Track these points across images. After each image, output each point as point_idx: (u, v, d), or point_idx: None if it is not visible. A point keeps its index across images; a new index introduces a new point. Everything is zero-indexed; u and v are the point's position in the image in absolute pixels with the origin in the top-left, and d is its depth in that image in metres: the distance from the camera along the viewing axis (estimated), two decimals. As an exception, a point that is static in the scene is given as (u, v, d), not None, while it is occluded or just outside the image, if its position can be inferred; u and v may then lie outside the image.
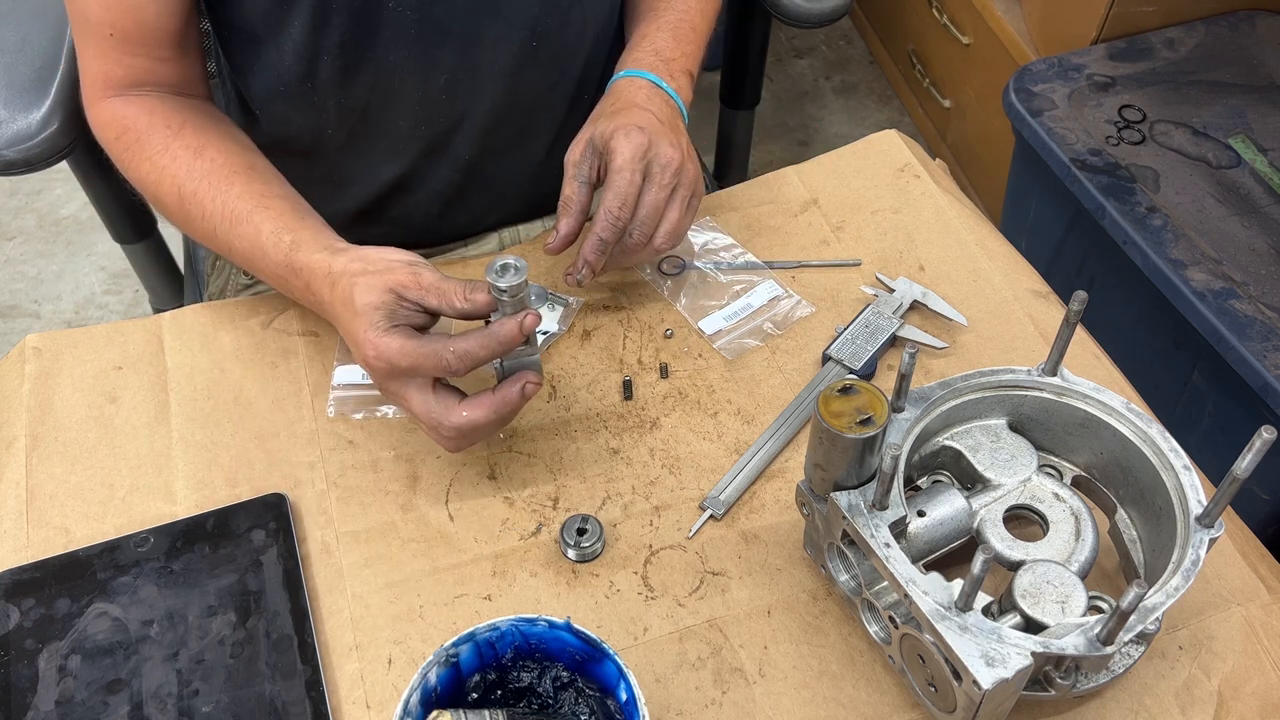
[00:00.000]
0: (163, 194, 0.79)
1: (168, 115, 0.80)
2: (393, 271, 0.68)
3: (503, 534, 0.73)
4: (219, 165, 0.77)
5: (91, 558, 0.70)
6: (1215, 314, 1.12)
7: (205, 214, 0.77)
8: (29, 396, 0.79)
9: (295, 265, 0.73)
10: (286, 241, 0.73)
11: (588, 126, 0.81)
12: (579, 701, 0.60)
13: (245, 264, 0.77)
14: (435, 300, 0.67)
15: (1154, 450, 0.64)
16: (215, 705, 0.64)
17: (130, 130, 0.79)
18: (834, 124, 2.21)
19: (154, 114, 0.80)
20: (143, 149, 0.79)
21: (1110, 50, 1.41)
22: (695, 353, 0.83)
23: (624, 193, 0.76)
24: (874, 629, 0.65)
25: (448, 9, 0.80)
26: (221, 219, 0.76)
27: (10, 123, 0.93)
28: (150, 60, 0.80)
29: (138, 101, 0.80)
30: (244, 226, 0.75)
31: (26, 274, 1.96)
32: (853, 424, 0.59)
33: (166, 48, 0.80)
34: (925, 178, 0.94)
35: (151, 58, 0.80)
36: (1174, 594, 0.58)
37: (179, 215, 0.79)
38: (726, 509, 0.74)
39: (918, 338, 0.82)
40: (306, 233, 0.74)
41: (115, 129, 0.80)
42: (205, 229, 0.77)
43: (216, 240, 0.77)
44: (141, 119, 0.79)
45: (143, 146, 0.79)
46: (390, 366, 0.67)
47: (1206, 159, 1.29)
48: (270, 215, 0.75)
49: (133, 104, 0.80)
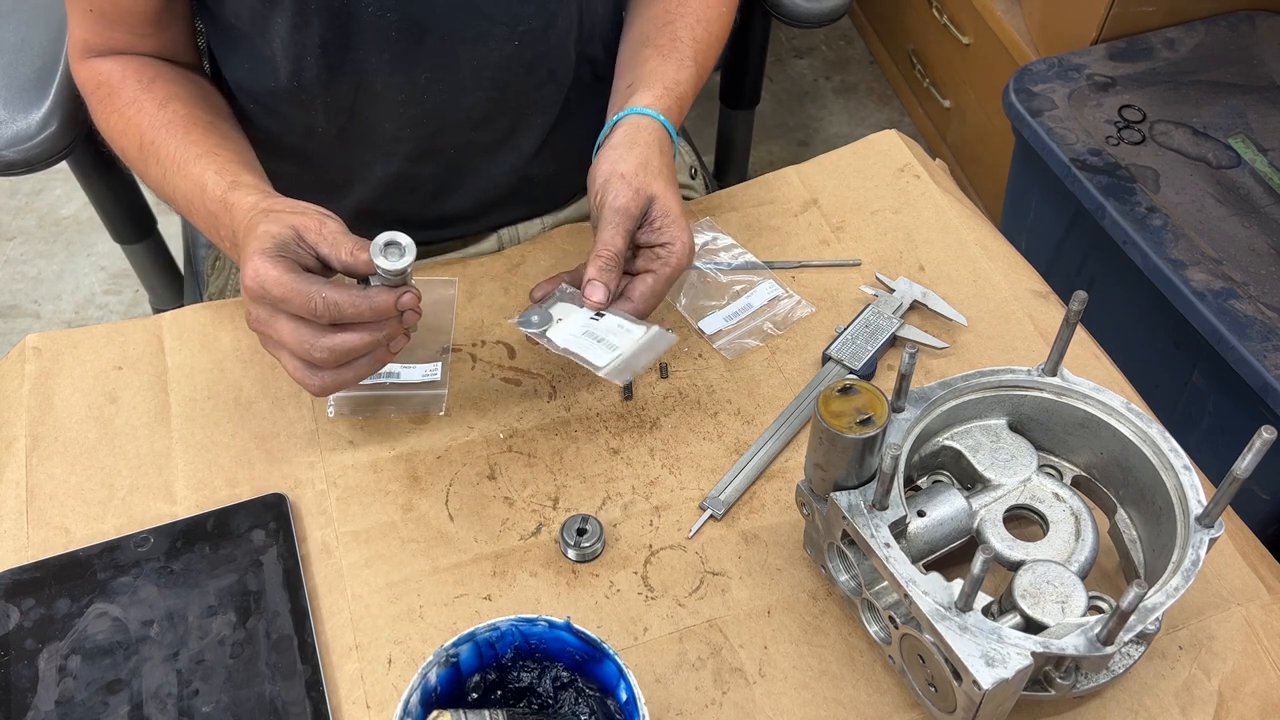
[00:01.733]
0: (126, 142, 0.81)
1: (140, 71, 0.82)
2: (304, 214, 0.70)
3: (503, 534, 0.73)
4: (180, 116, 0.80)
5: (91, 558, 0.70)
6: (1215, 314, 1.12)
7: (159, 159, 0.78)
8: (29, 396, 0.79)
9: (229, 201, 0.73)
10: (226, 182, 0.75)
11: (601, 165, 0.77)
12: (579, 701, 0.60)
13: (185, 206, 0.78)
14: (327, 249, 0.68)
15: (1154, 450, 0.64)
16: (215, 705, 0.64)
17: (104, 84, 0.82)
18: (834, 124, 2.21)
19: (127, 69, 0.82)
20: (113, 100, 0.81)
21: (1110, 50, 1.41)
22: (695, 353, 0.83)
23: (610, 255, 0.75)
24: (874, 629, 0.65)
25: (425, 8, 0.79)
26: (172, 163, 0.78)
27: (10, 123, 0.93)
28: (129, 35, 0.82)
29: (116, 60, 0.83)
30: (191, 167, 0.77)
31: (26, 274, 1.96)
32: (853, 424, 0.59)
33: (144, 26, 0.82)
34: (925, 178, 0.94)
35: (130, 34, 0.82)
36: (1174, 594, 0.58)
37: (138, 162, 0.81)
38: (726, 509, 0.74)
39: (918, 338, 0.82)
40: (248, 178, 0.76)
41: (92, 83, 0.83)
42: (157, 174, 0.79)
43: (165, 184, 0.79)
44: (115, 74, 0.82)
45: (114, 99, 0.81)
46: (263, 291, 0.67)
47: (1206, 159, 1.29)
48: (218, 161, 0.77)
49: (110, 61, 0.83)
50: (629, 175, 0.75)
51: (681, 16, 0.86)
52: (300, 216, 0.69)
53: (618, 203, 0.74)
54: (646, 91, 0.81)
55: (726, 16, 0.90)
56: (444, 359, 0.81)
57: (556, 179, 0.97)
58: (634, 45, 0.87)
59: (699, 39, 0.86)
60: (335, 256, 0.68)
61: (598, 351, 0.72)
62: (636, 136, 0.78)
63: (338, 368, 0.69)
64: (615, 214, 0.74)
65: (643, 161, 0.76)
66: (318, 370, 0.69)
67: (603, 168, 0.77)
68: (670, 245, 0.75)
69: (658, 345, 0.73)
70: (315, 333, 0.67)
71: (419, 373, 0.80)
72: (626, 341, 0.72)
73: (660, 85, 0.82)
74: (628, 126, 0.79)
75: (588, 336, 0.73)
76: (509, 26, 0.82)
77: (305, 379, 0.70)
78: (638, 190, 0.75)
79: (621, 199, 0.74)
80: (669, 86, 0.82)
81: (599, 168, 0.77)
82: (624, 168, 0.76)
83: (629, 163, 0.76)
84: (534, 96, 0.88)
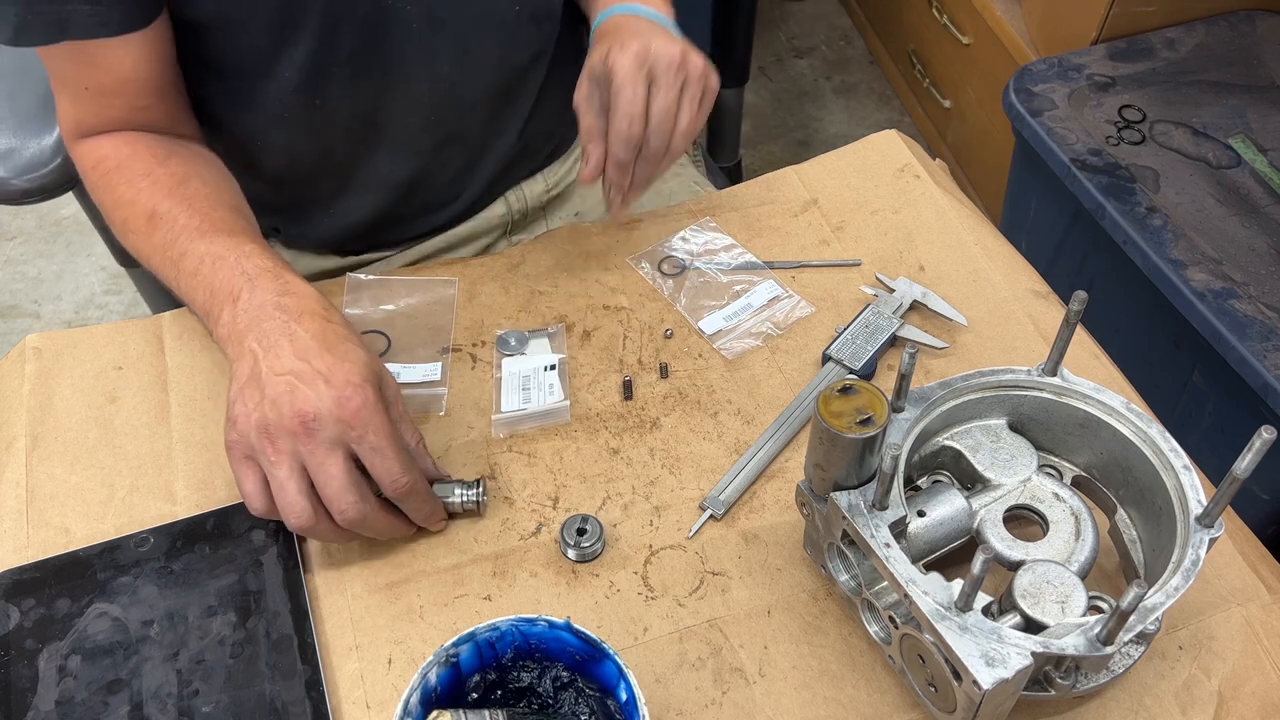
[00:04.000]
0: (134, 213, 0.75)
1: (154, 147, 0.78)
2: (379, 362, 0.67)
3: (503, 534, 0.73)
4: (202, 195, 0.75)
5: (91, 558, 0.70)
6: (1215, 314, 1.12)
7: (171, 225, 0.73)
8: (29, 396, 0.79)
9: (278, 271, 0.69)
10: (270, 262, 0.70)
11: (585, 68, 0.79)
12: (579, 701, 0.60)
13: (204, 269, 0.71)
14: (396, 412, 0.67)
15: (1154, 450, 0.64)
16: (215, 705, 0.64)
17: (107, 160, 0.78)
18: (834, 124, 2.21)
19: (138, 145, 0.78)
20: (121, 173, 0.77)
21: (1110, 50, 1.41)
22: (695, 353, 0.83)
23: (630, 110, 0.74)
24: (874, 629, 0.65)
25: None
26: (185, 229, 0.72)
27: (22, 150, 0.89)
28: (128, 110, 0.78)
29: (117, 137, 0.79)
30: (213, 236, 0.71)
31: (26, 274, 1.96)
32: (853, 424, 0.59)
33: (145, 96, 0.78)
34: (925, 178, 0.94)
35: (129, 108, 0.78)
36: (1174, 594, 0.58)
37: (144, 230, 0.75)
38: (726, 509, 0.74)
39: (918, 338, 0.82)
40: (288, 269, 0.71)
41: (91, 160, 0.79)
42: (165, 238, 0.73)
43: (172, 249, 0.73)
44: (123, 150, 0.78)
45: (122, 171, 0.77)
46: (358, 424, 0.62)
47: (1206, 159, 1.29)
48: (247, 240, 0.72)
49: (110, 140, 0.78)
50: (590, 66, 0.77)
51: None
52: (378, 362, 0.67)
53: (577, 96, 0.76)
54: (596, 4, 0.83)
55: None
56: (444, 359, 0.81)
57: (554, 130, 0.99)
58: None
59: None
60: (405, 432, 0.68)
61: (512, 398, 0.79)
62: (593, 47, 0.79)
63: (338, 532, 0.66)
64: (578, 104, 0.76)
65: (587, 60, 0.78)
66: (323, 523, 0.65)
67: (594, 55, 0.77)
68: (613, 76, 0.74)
69: (552, 414, 0.78)
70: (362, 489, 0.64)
71: (419, 373, 0.80)
72: (537, 400, 0.78)
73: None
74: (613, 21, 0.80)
75: (519, 379, 0.80)
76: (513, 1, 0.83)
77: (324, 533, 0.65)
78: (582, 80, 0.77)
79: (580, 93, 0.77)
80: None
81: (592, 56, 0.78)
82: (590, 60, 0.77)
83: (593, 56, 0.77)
84: (532, 65, 0.89)
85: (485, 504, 0.72)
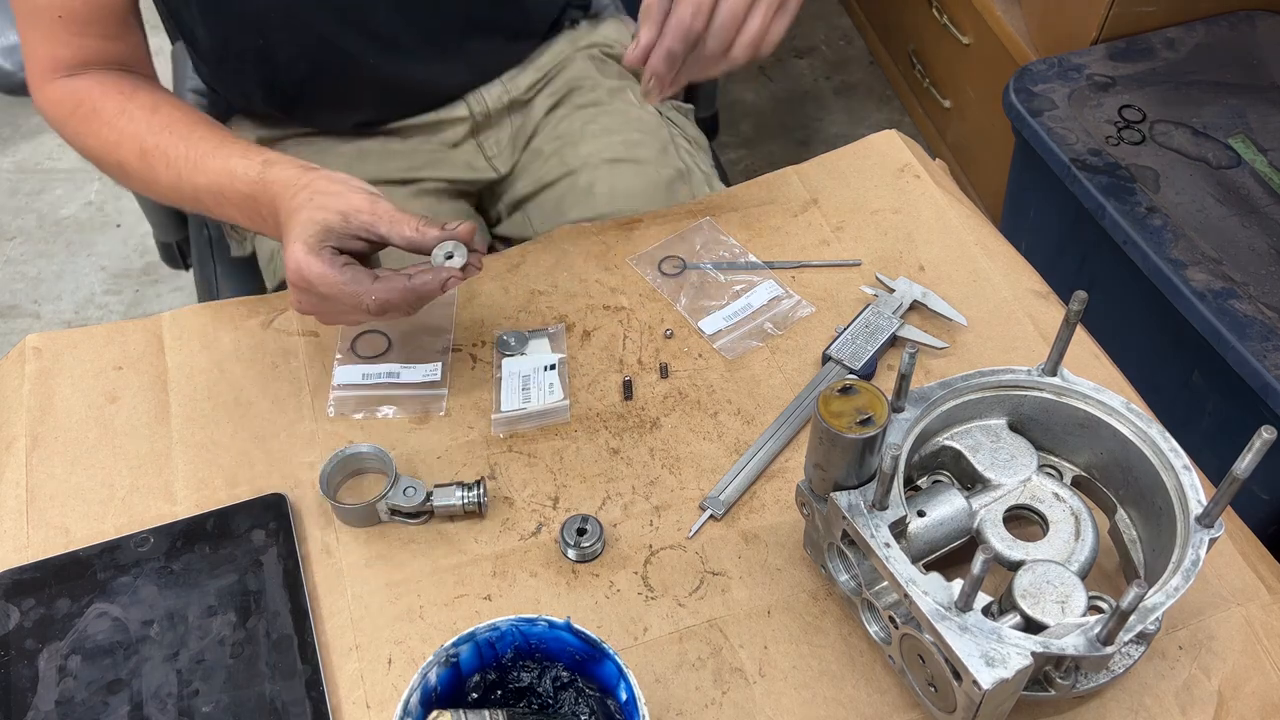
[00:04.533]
0: (123, 155, 0.79)
1: (119, 83, 0.82)
2: (351, 194, 0.70)
3: (503, 534, 0.73)
4: (177, 118, 0.79)
5: (91, 558, 0.70)
6: (1215, 314, 1.12)
7: (169, 161, 0.77)
8: (29, 396, 0.79)
9: (267, 179, 0.73)
10: (258, 162, 0.74)
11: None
12: (579, 701, 0.60)
13: (212, 200, 0.77)
14: (386, 228, 0.69)
15: (1154, 450, 0.64)
16: (215, 705, 0.64)
17: (85, 103, 0.81)
18: (834, 124, 2.21)
19: (105, 83, 0.81)
20: (99, 116, 0.80)
21: (1110, 50, 1.41)
22: (695, 353, 0.83)
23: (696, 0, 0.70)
24: (874, 629, 0.65)
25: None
26: (186, 161, 0.77)
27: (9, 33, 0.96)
28: (98, 39, 0.81)
29: (87, 76, 0.82)
30: (211, 160, 0.76)
31: (26, 274, 1.96)
32: (853, 424, 0.59)
33: (114, 24, 0.81)
34: (925, 178, 0.94)
35: (100, 36, 0.81)
36: (1174, 594, 0.58)
37: (141, 172, 0.80)
38: (726, 509, 0.74)
39: (918, 338, 0.82)
40: (278, 156, 0.75)
41: (68, 105, 0.81)
42: (169, 177, 0.78)
43: (181, 185, 0.78)
44: (94, 90, 0.81)
45: (99, 114, 0.80)
46: (308, 285, 0.68)
47: (1206, 159, 1.29)
48: (239, 147, 0.76)
49: (82, 79, 0.82)
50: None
51: None
52: (346, 198, 0.69)
53: None
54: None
55: None
56: (444, 359, 0.81)
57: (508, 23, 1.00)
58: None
59: None
60: (398, 235, 0.69)
61: (512, 397, 0.79)
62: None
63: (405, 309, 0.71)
64: None
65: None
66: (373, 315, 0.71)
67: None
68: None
69: (552, 414, 0.78)
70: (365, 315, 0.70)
71: (419, 373, 0.80)
72: (537, 399, 0.78)
73: None
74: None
75: (519, 379, 0.80)
76: None
77: (370, 317, 0.71)
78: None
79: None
80: None
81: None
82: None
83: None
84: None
85: (486, 504, 0.72)
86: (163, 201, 0.82)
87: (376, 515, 0.72)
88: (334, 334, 0.83)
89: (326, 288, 0.68)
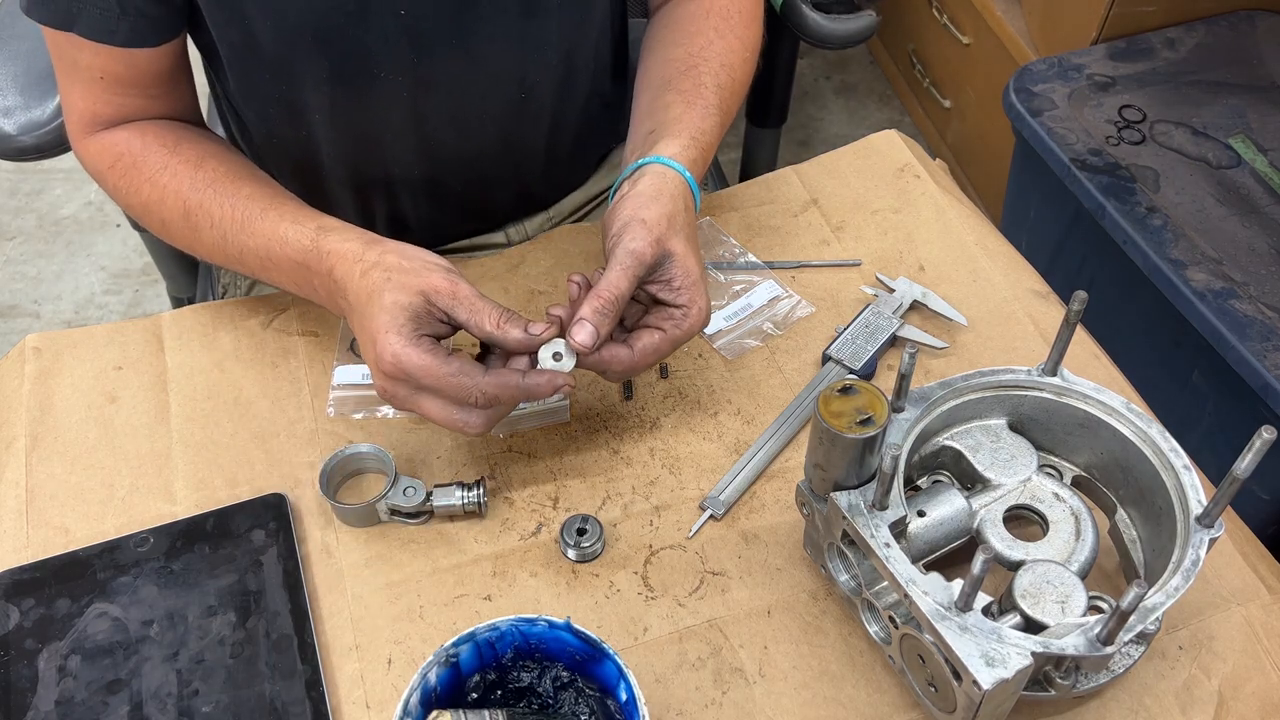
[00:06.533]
0: (166, 212, 0.76)
1: (161, 135, 0.78)
2: (430, 273, 0.66)
3: (503, 534, 0.73)
4: (222, 174, 0.76)
5: (91, 558, 0.70)
6: (1215, 314, 1.12)
7: (214, 221, 0.74)
8: (29, 396, 0.79)
9: (322, 249, 0.70)
10: (312, 228, 0.71)
11: (623, 209, 0.71)
12: (579, 701, 0.60)
13: (259, 263, 0.74)
14: (465, 315, 0.66)
15: (1154, 450, 0.64)
16: (215, 705, 0.64)
17: (125, 156, 0.77)
18: (834, 124, 2.21)
19: (146, 136, 0.78)
20: (140, 171, 0.77)
21: (1110, 50, 1.41)
22: (695, 353, 0.83)
23: (613, 310, 0.69)
24: (874, 629, 0.65)
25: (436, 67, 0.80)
26: (232, 222, 0.74)
27: (26, 110, 0.96)
28: (141, 99, 0.78)
29: (128, 129, 0.78)
30: (258, 223, 0.73)
31: (26, 274, 1.96)
32: (853, 424, 0.59)
33: (158, 86, 0.78)
34: (925, 178, 0.94)
35: (143, 97, 0.78)
36: (1174, 594, 0.58)
37: (185, 230, 0.77)
38: (726, 509, 0.74)
39: (918, 338, 0.82)
40: (333, 222, 0.72)
41: (108, 158, 0.78)
42: (214, 237, 0.75)
43: (227, 246, 0.75)
44: (135, 142, 0.77)
45: (140, 169, 0.77)
46: (407, 376, 0.65)
47: (1206, 159, 1.29)
48: (289, 209, 0.73)
49: (123, 132, 0.78)
50: (651, 223, 0.70)
51: (705, 61, 0.81)
52: (426, 277, 0.66)
53: (634, 245, 0.68)
54: (672, 140, 0.75)
55: (749, 63, 0.85)
56: (444, 359, 0.81)
57: (560, 182, 0.98)
58: (655, 88, 0.81)
59: (723, 86, 0.81)
60: (478, 326, 0.66)
61: None
62: (663, 188, 0.72)
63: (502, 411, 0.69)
64: (629, 256, 0.68)
65: (668, 215, 0.71)
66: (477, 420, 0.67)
67: (624, 211, 0.71)
68: (687, 310, 0.70)
69: (553, 414, 0.77)
70: (467, 410, 0.66)
71: (419, 373, 0.80)
72: None
73: (686, 135, 0.76)
74: (654, 176, 0.73)
75: None
76: (517, 82, 0.83)
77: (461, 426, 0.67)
78: (658, 240, 0.69)
79: (639, 243, 0.69)
80: (695, 137, 0.76)
81: (619, 211, 0.71)
82: (647, 215, 0.70)
83: (653, 211, 0.70)
84: (540, 136, 0.90)
85: (486, 504, 0.72)
86: (206, 260, 0.79)
87: (376, 515, 0.72)
88: (334, 334, 0.83)
89: (431, 380, 0.64)
